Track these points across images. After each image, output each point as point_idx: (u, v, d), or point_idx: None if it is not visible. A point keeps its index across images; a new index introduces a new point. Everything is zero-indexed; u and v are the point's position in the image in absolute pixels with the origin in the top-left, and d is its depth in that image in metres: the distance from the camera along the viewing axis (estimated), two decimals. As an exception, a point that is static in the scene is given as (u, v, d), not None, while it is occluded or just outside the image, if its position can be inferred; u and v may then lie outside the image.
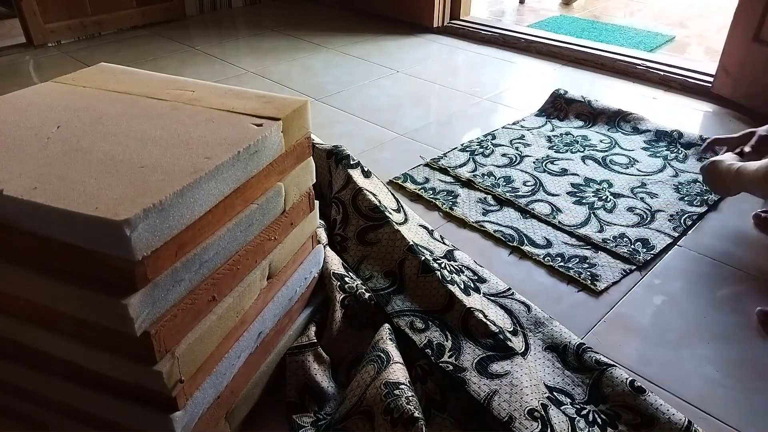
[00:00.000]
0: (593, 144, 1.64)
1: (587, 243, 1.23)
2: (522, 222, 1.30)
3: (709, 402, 0.89)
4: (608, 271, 1.15)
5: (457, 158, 1.56)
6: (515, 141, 1.65)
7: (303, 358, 0.89)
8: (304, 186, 0.88)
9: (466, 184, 1.45)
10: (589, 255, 1.19)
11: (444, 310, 0.97)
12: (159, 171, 0.63)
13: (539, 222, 1.30)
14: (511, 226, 1.29)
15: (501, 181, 1.45)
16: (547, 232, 1.27)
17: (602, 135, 1.69)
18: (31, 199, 0.58)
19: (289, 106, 0.80)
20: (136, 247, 0.56)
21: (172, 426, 0.66)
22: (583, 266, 1.16)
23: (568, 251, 1.21)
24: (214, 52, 2.38)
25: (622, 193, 1.41)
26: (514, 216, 1.32)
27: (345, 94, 1.99)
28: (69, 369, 0.69)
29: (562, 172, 1.50)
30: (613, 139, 1.66)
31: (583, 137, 1.67)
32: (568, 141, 1.65)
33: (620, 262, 1.17)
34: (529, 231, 1.27)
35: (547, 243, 1.23)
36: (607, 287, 1.11)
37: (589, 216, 1.32)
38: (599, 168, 1.52)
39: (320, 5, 3.08)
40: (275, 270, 0.84)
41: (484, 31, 2.56)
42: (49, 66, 2.23)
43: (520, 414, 0.79)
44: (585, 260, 1.18)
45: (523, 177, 1.47)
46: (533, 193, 1.41)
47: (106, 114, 0.77)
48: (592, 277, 1.13)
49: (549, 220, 1.31)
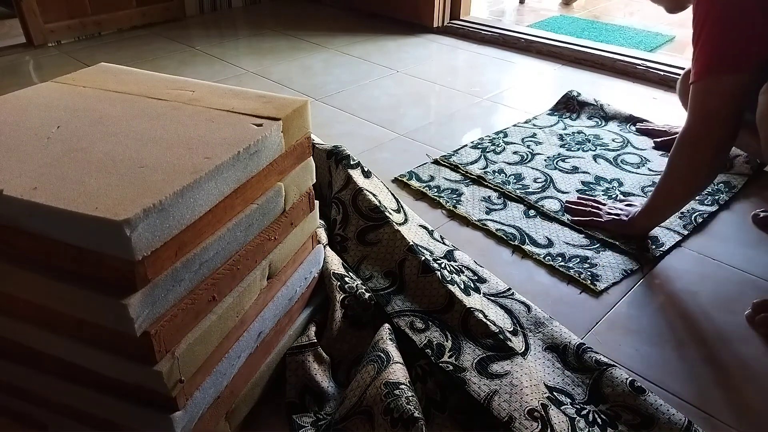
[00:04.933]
0: (605, 143, 1.64)
1: (595, 240, 1.23)
2: (525, 221, 1.30)
3: (709, 402, 0.89)
4: (609, 272, 1.15)
5: (468, 155, 1.57)
6: (527, 139, 1.66)
7: (303, 358, 0.89)
8: (304, 186, 0.88)
9: (472, 182, 1.45)
10: (590, 255, 1.19)
11: (444, 310, 0.97)
12: (159, 171, 0.63)
13: (543, 221, 1.30)
14: (514, 225, 1.28)
15: (512, 178, 1.45)
16: (549, 232, 1.27)
17: (614, 134, 1.69)
18: (31, 199, 0.58)
19: (289, 106, 0.80)
20: (136, 247, 0.56)
21: (172, 426, 0.66)
22: (583, 266, 1.16)
23: (569, 251, 1.21)
24: (214, 52, 2.38)
25: (633, 191, 1.41)
26: (518, 215, 1.32)
27: (345, 94, 1.99)
28: (69, 369, 0.69)
29: (573, 170, 1.50)
30: (626, 139, 1.66)
31: (596, 136, 1.68)
32: (580, 140, 1.65)
33: (622, 262, 1.17)
34: (531, 230, 1.27)
35: (548, 242, 1.23)
36: (607, 287, 1.11)
37: None
38: (610, 167, 1.52)
39: (320, 5, 3.08)
40: (275, 270, 0.84)
41: (484, 31, 2.56)
42: (49, 66, 2.23)
43: (520, 414, 0.79)
44: (586, 260, 1.18)
45: (534, 174, 1.48)
46: (543, 189, 1.41)
47: (106, 114, 0.77)
48: (593, 277, 1.13)
49: (558, 217, 1.31)
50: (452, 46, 2.52)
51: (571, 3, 3.45)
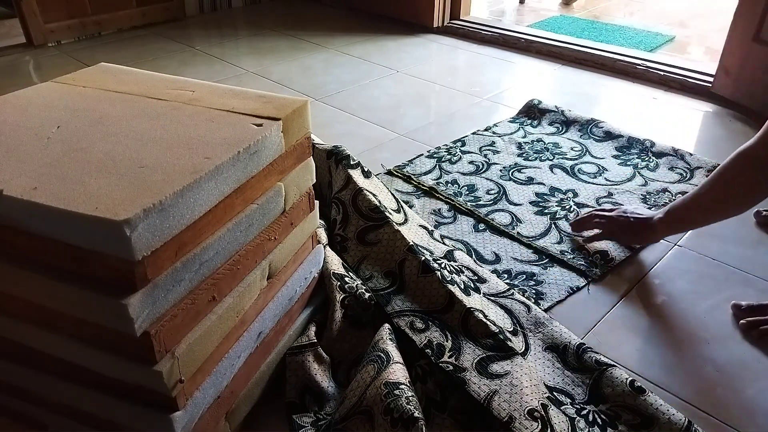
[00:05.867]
0: (564, 152, 1.60)
1: (544, 254, 1.20)
2: (473, 236, 1.26)
3: (709, 402, 0.89)
4: (554, 289, 1.11)
5: (423, 165, 1.52)
6: (485, 148, 1.62)
7: (303, 358, 0.89)
8: (304, 186, 0.88)
9: (423, 194, 1.40)
10: (537, 271, 1.16)
11: (444, 310, 0.97)
12: (159, 171, 0.63)
13: (493, 235, 1.26)
14: (462, 240, 1.25)
15: (464, 190, 1.42)
16: (498, 247, 1.23)
17: (574, 142, 1.66)
18: (31, 199, 0.58)
19: (289, 106, 0.81)
20: (136, 247, 0.56)
21: (172, 426, 0.67)
22: (528, 284, 1.13)
23: (516, 267, 1.17)
24: (214, 52, 2.39)
25: (587, 203, 1.37)
26: (467, 229, 1.28)
27: (345, 94, 1.99)
28: (69, 369, 0.69)
29: (528, 180, 1.46)
30: (585, 147, 1.63)
31: (555, 144, 1.64)
32: (539, 148, 1.62)
33: (569, 279, 1.14)
34: (479, 245, 1.23)
35: (495, 258, 1.19)
36: (551, 306, 1.07)
37: (550, 226, 1.29)
38: (566, 177, 1.48)
39: (320, 5, 3.08)
40: (275, 270, 0.84)
41: (484, 31, 2.56)
42: (49, 66, 2.23)
43: (520, 414, 0.79)
44: (532, 277, 1.14)
45: (488, 185, 1.44)
46: (495, 202, 1.37)
47: (106, 114, 0.77)
48: (537, 295, 1.09)
49: (508, 231, 1.27)
50: (452, 46, 2.52)
51: (571, 3, 3.45)
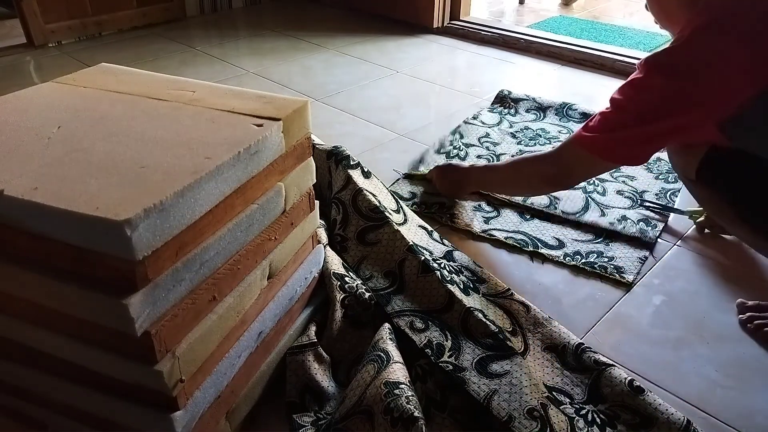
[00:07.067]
0: (555, 135, 1.66)
1: (595, 230, 1.24)
2: (525, 224, 1.29)
3: (709, 402, 0.89)
4: (628, 263, 1.16)
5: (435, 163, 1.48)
6: (483, 139, 1.65)
7: (303, 357, 0.89)
8: (305, 186, 0.88)
9: None
10: (603, 249, 1.20)
11: (444, 309, 0.97)
12: (159, 171, 0.63)
13: (542, 222, 1.29)
14: (518, 231, 1.27)
15: None
16: (554, 232, 1.26)
17: (558, 126, 1.72)
18: (32, 199, 0.58)
19: (290, 106, 0.81)
20: (136, 247, 0.56)
21: (173, 426, 0.67)
22: (604, 260, 1.17)
23: (583, 248, 1.21)
24: (214, 53, 2.39)
25: (606, 177, 1.44)
26: (516, 220, 1.30)
27: (345, 95, 1.99)
28: (69, 369, 0.69)
29: None
30: (568, 129, 1.69)
31: (542, 129, 1.69)
32: (531, 135, 1.67)
33: (632, 249, 1.19)
34: (536, 233, 1.26)
35: (559, 243, 1.23)
36: (634, 279, 1.12)
37: (587, 201, 1.33)
38: None
39: (320, 5, 3.08)
40: (275, 270, 0.84)
41: (484, 31, 2.56)
42: (50, 66, 2.23)
43: (519, 413, 0.80)
44: (602, 254, 1.19)
45: None
46: None
47: (107, 114, 0.77)
48: (618, 270, 1.14)
49: (550, 211, 1.30)
50: (452, 46, 2.52)
51: (571, 3, 3.45)
